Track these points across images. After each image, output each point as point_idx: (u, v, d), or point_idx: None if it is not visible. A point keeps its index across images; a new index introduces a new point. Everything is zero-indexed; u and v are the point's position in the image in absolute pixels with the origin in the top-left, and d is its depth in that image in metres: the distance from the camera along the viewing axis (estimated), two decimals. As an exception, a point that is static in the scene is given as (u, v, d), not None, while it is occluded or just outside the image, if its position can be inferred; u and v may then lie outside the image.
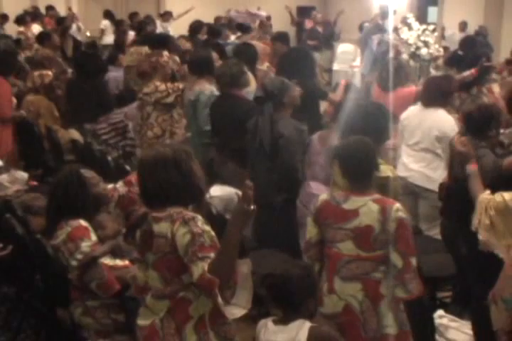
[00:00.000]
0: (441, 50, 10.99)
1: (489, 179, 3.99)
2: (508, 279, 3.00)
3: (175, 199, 3.01)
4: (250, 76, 6.56)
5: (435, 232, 5.45)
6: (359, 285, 3.53)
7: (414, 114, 5.75)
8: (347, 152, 3.68)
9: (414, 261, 3.49)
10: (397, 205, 3.51)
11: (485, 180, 3.98)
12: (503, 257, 3.81)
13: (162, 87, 6.60)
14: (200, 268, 2.82)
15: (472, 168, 4.24)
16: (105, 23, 14.86)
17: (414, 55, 10.86)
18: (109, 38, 13.49)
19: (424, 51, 10.80)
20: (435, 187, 5.40)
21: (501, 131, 4.77)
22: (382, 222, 3.46)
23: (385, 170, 4.39)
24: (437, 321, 4.37)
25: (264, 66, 7.75)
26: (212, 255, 2.84)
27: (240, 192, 4.74)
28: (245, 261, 3.08)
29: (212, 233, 2.92)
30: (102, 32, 14.67)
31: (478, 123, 4.60)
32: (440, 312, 4.49)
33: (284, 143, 5.00)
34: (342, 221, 3.55)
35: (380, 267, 3.53)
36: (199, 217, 2.94)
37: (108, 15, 15.17)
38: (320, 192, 4.82)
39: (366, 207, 3.51)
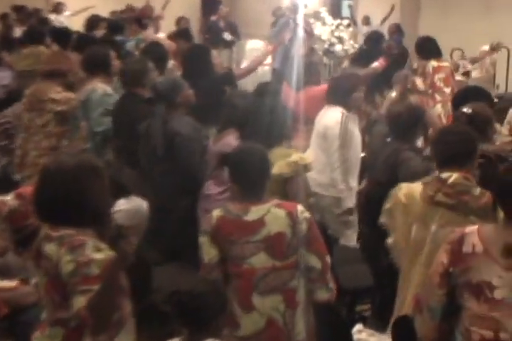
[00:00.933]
0: (357, 46, 11.13)
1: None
2: (432, 287, 3.10)
3: (69, 217, 2.95)
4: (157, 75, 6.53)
5: (343, 241, 5.55)
6: (279, 296, 3.57)
7: (319, 115, 5.88)
8: (239, 160, 3.73)
9: (329, 259, 3.64)
10: (300, 206, 3.63)
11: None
12: (391, 250, 4.02)
13: (71, 97, 6.34)
14: (78, 303, 2.77)
15: None
16: None
17: (327, 52, 10.98)
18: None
19: (338, 47, 10.94)
20: (323, 190, 5.51)
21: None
22: (292, 226, 3.54)
23: (304, 157, 4.50)
24: (356, 336, 4.43)
25: (169, 64, 7.71)
26: (96, 287, 2.79)
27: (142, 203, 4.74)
28: (126, 287, 3.06)
29: (105, 260, 2.86)
30: None
31: (405, 126, 4.74)
32: (359, 326, 4.55)
33: (181, 141, 5.04)
34: (248, 234, 3.56)
35: (296, 274, 3.60)
36: (90, 244, 2.87)
37: None
38: (211, 191, 4.91)
39: (271, 214, 3.56)
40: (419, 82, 7.37)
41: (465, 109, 4.56)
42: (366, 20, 14.53)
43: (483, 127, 4.49)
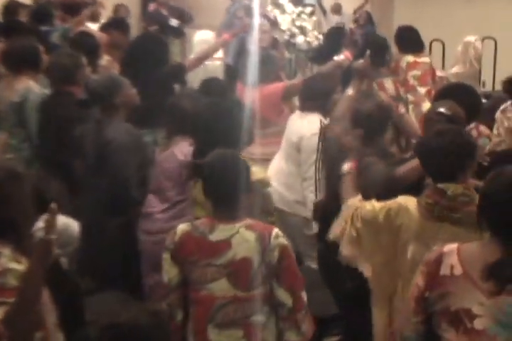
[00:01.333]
0: (321, 37, 11.12)
1: (378, 191, 4.14)
2: (407, 314, 3.12)
3: None
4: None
5: (314, 265, 5.58)
6: (240, 331, 3.58)
7: (291, 119, 5.95)
8: (211, 171, 3.73)
9: (304, 296, 3.61)
10: (277, 230, 3.62)
11: (371, 192, 4.13)
12: (370, 282, 4.02)
13: None
14: None
15: (349, 166, 4.37)
16: None
17: (288, 44, 11.00)
18: None
19: (300, 39, 10.95)
20: (289, 208, 5.54)
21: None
22: (261, 252, 3.54)
23: (258, 171, 4.51)
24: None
25: (103, 60, 7.66)
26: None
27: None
28: (49, 309, 3.05)
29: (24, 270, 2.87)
30: None
31: (373, 128, 4.77)
32: (327, 361, 4.59)
33: (114, 151, 5.04)
34: (211, 256, 3.58)
35: (264, 308, 3.60)
36: (5, 253, 2.90)
37: None
38: (152, 209, 4.90)
39: (239, 236, 3.57)
40: (389, 85, 7.30)
41: (443, 109, 4.60)
42: (337, 9, 14.49)
43: None
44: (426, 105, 7.00)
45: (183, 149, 4.93)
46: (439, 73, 8.47)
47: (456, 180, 3.72)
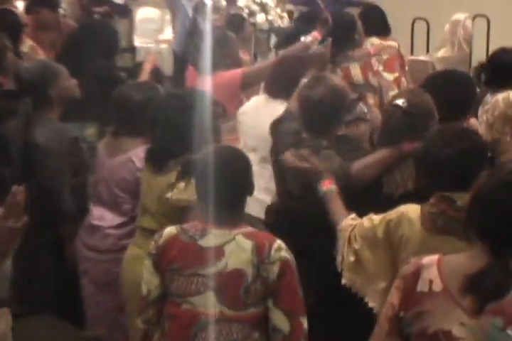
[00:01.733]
0: (285, 15, 11.15)
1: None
2: (381, 336, 3.13)
3: None
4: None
5: None
6: None
7: (254, 107, 5.96)
8: (208, 167, 3.71)
9: (305, 321, 3.57)
10: (279, 242, 3.60)
11: None
12: (374, 308, 3.95)
13: None
14: None
15: (326, 185, 4.36)
16: None
17: (247, 24, 11.02)
18: None
19: (260, 18, 10.96)
20: None
21: None
22: (257, 265, 3.52)
23: None
24: None
25: (25, 46, 7.60)
26: None
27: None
28: (3, 312, 3.08)
29: None
30: None
31: (327, 115, 4.79)
32: None
33: (42, 155, 5.01)
34: (198, 264, 3.56)
35: (255, 333, 3.57)
36: None
37: None
38: (103, 223, 4.90)
39: (235, 244, 3.55)
40: (356, 71, 7.22)
41: (399, 101, 4.53)
42: None
43: (424, 124, 4.44)
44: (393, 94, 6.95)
45: (141, 155, 4.89)
46: (422, 58, 8.52)
47: (470, 188, 3.67)
